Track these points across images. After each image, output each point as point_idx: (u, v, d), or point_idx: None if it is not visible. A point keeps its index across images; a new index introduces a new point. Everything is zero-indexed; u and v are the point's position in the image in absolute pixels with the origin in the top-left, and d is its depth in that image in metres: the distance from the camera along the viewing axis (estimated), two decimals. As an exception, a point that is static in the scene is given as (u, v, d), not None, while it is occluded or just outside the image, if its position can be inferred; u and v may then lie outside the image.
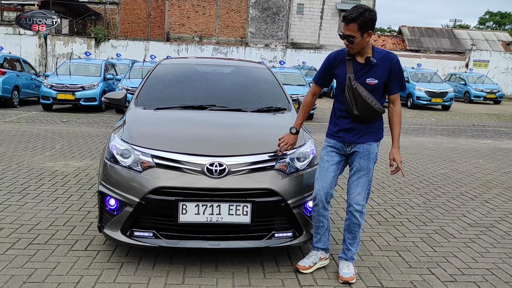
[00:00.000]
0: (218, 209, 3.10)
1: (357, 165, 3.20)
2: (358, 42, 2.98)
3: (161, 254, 3.47)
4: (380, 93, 3.14)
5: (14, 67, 14.75)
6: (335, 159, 3.25)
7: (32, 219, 4.16)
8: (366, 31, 2.95)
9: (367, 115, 3.11)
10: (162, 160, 3.17)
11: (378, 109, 3.08)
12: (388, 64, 3.07)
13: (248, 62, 5.42)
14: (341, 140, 3.22)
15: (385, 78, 3.09)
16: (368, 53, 3.06)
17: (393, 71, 3.08)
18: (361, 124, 3.15)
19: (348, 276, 3.19)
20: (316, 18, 30.13)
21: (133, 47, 26.71)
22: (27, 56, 26.20)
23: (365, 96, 3.04)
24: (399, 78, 3.13)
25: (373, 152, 3.19)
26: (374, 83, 3.05)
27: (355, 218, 3.21)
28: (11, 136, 8.73)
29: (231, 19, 29.61)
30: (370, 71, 3.06)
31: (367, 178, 3.20)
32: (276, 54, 27.93)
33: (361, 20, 2.91)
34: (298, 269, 3.28)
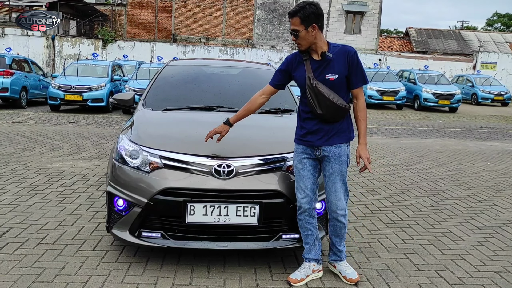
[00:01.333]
0: (225, 210, 3.10)
1: (329, 170, 3.10)
2: (303, 36, 2.93)
3: (168, 255, 3.48)
4: (344, 89, 3.04)
5: (22, 68, 14.85)
6: (309, 165, 3.15)
7: (41, 219, 4.19)
8: (310, 24, 2.90)
9: (332, 113, 3.01)
10: (170, 161, 3.19)
11: (341, 105, 2.97)
12: (345, 57, 2.98)
13: (255, 63, 5.42)
14: (309, 144, 3.12)
15: (345, 72, 2.99)
16: (323, 49, 2.99)
17: (352, 63, 2.98)
18: (327, 125, 3.06)
19: (355, 277, 3.18)
20: (322, 20, 30.06)
21: (140, 48, 26.79)
22: (35, 57, 26.36)
23: (326, 93, 2.95)
24: (359, 71, 3.01)
25: (344, 154, 3.09)
26: (334, 78, 2.97)
27: (340, 222, 3.15)
28: (19, 137, 8.79)
29: (238, 20, 29.62)
30: (328, 66, 2.98)
31: (342, 182, 3.12)
32: (283, 56, 27.87)
33: (302, 13, 2.89)
34: (289, 282, 3.14)
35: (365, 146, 3.12)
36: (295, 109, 4.27)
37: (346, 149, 3.12)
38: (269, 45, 29.31)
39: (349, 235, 4.14)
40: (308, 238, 3.20)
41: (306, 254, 3.24)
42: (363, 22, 30.57)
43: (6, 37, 26.68)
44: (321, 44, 2.98)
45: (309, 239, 3.21)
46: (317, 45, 2.97)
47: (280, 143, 3.43)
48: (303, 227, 3.18)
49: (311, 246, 3.22)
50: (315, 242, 3.22)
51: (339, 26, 30.19)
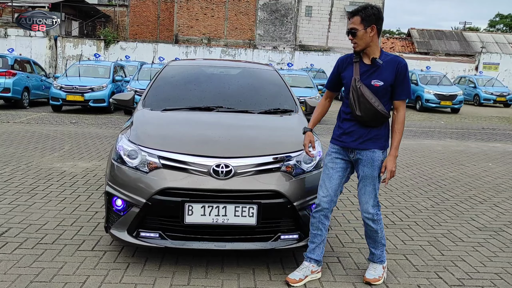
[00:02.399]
0: (224, 210, 3.10)
1: (361, 173, 3.13)
2: (361, 36, 2.97)
3: (167, 255, 3.48)
4: (387, 98, 3.05)
5: (25, 68, 14.89)
6: (339, 166, 3.18)
7: (40, 219, 4.19)
8: (370, 25, 2.94)
9: (370, 117, 3.02)
10: (168, 161, 3.18)
11: (381, 111, 2.99)
12: (394, 67, 3.00)
13: (256, 63, 5.42)
14: (343, 144, 3.15)
15: (391, 81, 3.01)
16: (375, 54, 3.02)
17: (399, 74, 3.00)
18: (364, 128, 3.07)
19: (371, 277, 3.20)
20: (324, 20, 30.08)
21: (142, 49, 26.86)
22: (38, 58, 26.43)
23: (368, 97, 2.98)
24: (405, 84, 3.03)
25: (377, 159, 3.08)
26: (379, 85, 2.99)
27: (369, 226, 3.17)
28: (21, 137, 8.80)
29: (240, 21, 29.65)
30: (375, 72, 3.01)
31: (373, 186, 3.12)
32: (284, 56, 27.92)
33: (364, 13, 2.94)
34: (288, 282, 3.13)
35: (393, 158, 3.07)
36: (294, 110, 4.27)
37: (381, 155, 3.10)
38: (271, 46, 29.33)
39: (348, 235, 4.13)
40: (316, 237, 3.20)
41: (309, 254, 3.23)
42: (365, 23, 30.53)
43: (9, 37, 26.79)
44: (375, 49, 3.02)
45: (316, 239, 3.21)
46: (371, 48, 3.01)
47: (279, 143, 3.43)
48: (314, 226, 3.19)
49: (316, 246, 3.21)
50: (320, 244, 3.22)
51: (340, 27, 30.15)
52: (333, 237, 4.08)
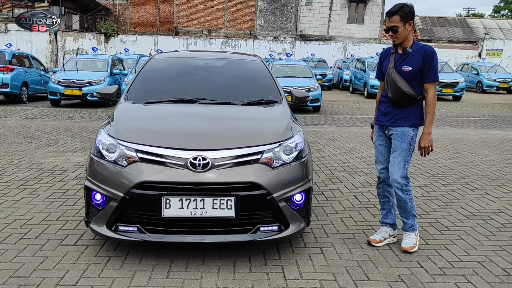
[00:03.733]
0: (202, 203, 3.09)
1: (392, 146, 3.60)
2: (401, 32, 3.46)
3: (149, 249, 3.48)
4: (416, 81, 3.50)
5: (23, 63, 14.90)
6: (384, 142, 3.72)
7: (26, 214, 4.21)
8: (407, 21, 3.45)
9: (399, 98, 3.51)
10: (146, 155, 3.17)
11: (408, 92, 3.46)
12: (422, 54, 3.46)
13: (242, 54, 5.38)
14: (381, 123, 3.68)
15: (419, 66, 3.45)
16: (408, 45, 3.53)
17: (426, 60, 3.44)
18: (396, 108, 3.56)
19: (407, 246, 3.57)
20: (325, 10, 29.85)
21: (142, 42, 26.82)
22: (38, 52, 26.47)
23: (396, 81, 3.49)
24: (432, 68, 3.45)
25: (407, 134, 3.53)
26: (408, 70, 3.47)
27: (398, 195, 3.57)
28: (17, 132, 8.83)
29: (240, 12, 29.49)
30: (406, 59, 3.51)
31: (402, 157, 3.53)
32: (285, 47, 27.78)
33: (402, 12, 3.43)
34: (370, 242, 3.68)
35: (426, 135, 3.51)
36: (279, 101, 4.23)
37: (411, 132, 3.55)
38: (272, 36, 29.17)
39: (334, 226, 4.12)
40: (384, 204, 3.78)
41: (383, 219, 3.80)
42: (366, 11, 30.30)
43: (9, 33, 26.82)
44: (409, 41, 3.53)
45: (385, 206, 3.77)
46: (407, 40, 3.52)
47: (258, 135, 3.41)
48: (381, 195, 3.79)
49: (387, 211, 3.77)
50: (391, 209, 3.75)
51: (342, 15, 29.95)
52: (318, 227, 4.06)
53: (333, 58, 27.45)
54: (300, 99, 4.51)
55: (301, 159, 3.44)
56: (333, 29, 29.94)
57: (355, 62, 22.65)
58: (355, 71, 21.61)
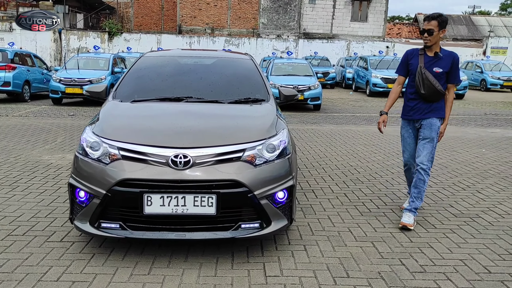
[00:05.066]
0: (183, 200, 3.12)
1: (422, 134, 4.21)
2: (435, 36, 4.06)
3: (133, 245, 3.52)
4: (442, 81, 4.13)
5: (25, 62, 15.01)
6: (412, 134, 4.33)
7: (16, 211, 4.26)
8: (442, 28, 4.07)
9: (431, 94, 4.11)
10: (128, 152, 3.21)
11: (440, 89, 4.08)
12: (451, 59, 4.13)
13: (232, 53, 5.40)
14: (411, 118, 4.27)
15: (448, 68, 4.12)
16: (437, 49, 4.14)
17: (454, 65, 4.12)
18: (425, 104, 4.17)
19: (407, 222, 4.03)
20: (328, 8, 29.79)
21: (145, 40, 26.90)
22: (43, 51, 26.66)
23: (431, 79, 4.08)
24: (457, 72, 4.16)
25: (435, 124, 4.16)
26: (439, 71, 4.10)
27: (421, 175, 4.13)
28: (16, 130, 8.91)
29: (243, 10, 29.49)
30: (436, 62, 4.13)
31: (431, 145, 4.16)
32: (288, 45, 27.76)
33: (440, 19, 4.06)
34: (406, 226, 4.02)
35: (445, 126, 4.26)
36: (266, 99, 4.25)
37: (438, 122, 4.19)
38: (275, 35, 29.15)
39: (320, 223, 4.14)
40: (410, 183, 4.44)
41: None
42: (370, 9, 30.20)
43: (14, 31, 27.00)
44: (437, 46, 4.16)
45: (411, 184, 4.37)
46: (437, 45, 4.14)
47: (240, 133, 3.43)
48: (409, 179, 4.50)
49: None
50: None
51: (345, 13, 29.88)
52: (304, 225, 4.08)
53: (337, 56, 27.40)
54: (288, 97, 4.53)
55: (284, 157, 3.46)
56: (337, 27, 29.88)
57: (358, 60, 22.61)
58: (358, 69, 21.56)
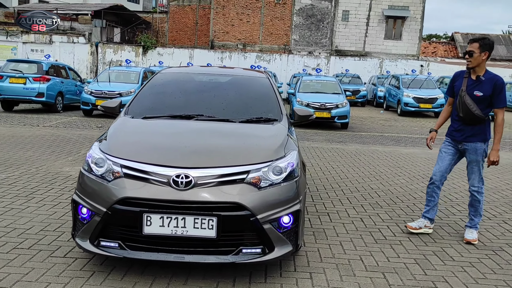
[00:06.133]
0: (183, 221, 3.04)
1: (468, 158, 4.30)
2: (476, 57, 4.07)
3: (135, 265, 3.45)
4: (485, 104, 4.11)
5: (60, 74, 15.44)
6: (450, 151, 4.37)
7: (27, 223, 4.28)
8: (484, 51, 4.06)
9: (469, 118, 4.14)
10: (130, 170, 3.16)
11: (476, 114, 4.09)
12: (493, 83, 4.07)
13: (249, 71, 5.35)
14: (453, 138, 4.35)
15: (490, 92, 4.06)
16: (481, 73, 4.13)
17: (496, 89, 4.05)
18: (467, 126, 4.19)
19: (471, 238, 4.26)
20: (362, 25, 29.57)
21: (178, 55, 27.34)
22: (80, 63, 27.50)
23: (468, 103, 4.11)
24: (501, 96, 4.07)
25: (480, 148, 4.20)
26: (480, 95, 4.08)
27: (474, 196, 4.29)
28: (44, 140, 9.11)
29: (275, 26, 29.63)
30: (478, 85, 4.11)
31: (477, 168, 4.26)
32: (320, 62, 27.64)
33: (482, 42, 4.07)
34: (407, 227, 4.42)
35: (495, 151, 4.13)
36: (279, 119, 4.15)
37: (483, 145, 4.20)
38: (306, 51, 29.10)
39: (330, 249, 3.97)
40: (430, 202, 4.46)
41: (425, 213, 4.47)
42: (405, 27, 29.80)
43: (54, 44, 27.98)
44: (481, 69, 4.13)
45: (430, 203, 4.46)
46: (479, 68, 4.12)
47: (246, 154, 3.34)
48: (429, 194, 4.45)
49: (430, 208, 4.45)
50: (434, 207, 4.43)
51: (379, 31, 29.56)
52: (314, 250, 3.93)
53: (369, 74, 27.06)
54: (303, 118, 4.41)
55: (291, 180, 3.34)
56: (370, 45, 29.57)
57: (390, 78, 22.23)
58: (390, 88, 21.18)
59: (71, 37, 27.74)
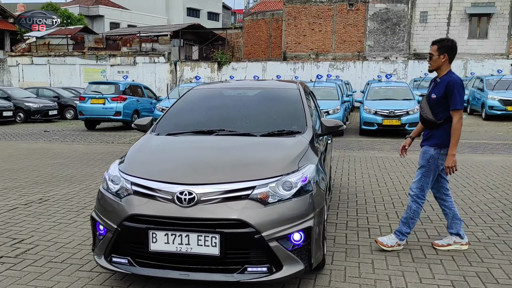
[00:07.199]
0: (187, 239, 3.03)
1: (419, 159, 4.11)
2: (435, 60, 3.95)
3: (152, 281, 3.46)
4: (440, 108, 3.92)
5: (136, 93, 16.39)
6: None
7: (69, 237, 4.52)
8: (442, 53, 3.90)
9: (422, 121, 4.09)
10: (138, 187, 3.22)
11: (426, 117, 4.01)
12: (445, 84, 3.87)
13: (281, 82, 5.26)
14: None
15: (442, 94, 3.88)
16: (440, 75, 3.98)
17: (448, 90, 3.84)
18: (425, 130, 4.10)
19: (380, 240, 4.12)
20: (442, 26, 27.98)
21: (251, 68, 27.78)
22: (160, 82, 28.98)
23: (421, 106, 4.09)
24: (454, 98, 3.83)
25: (427, 153, 4.00)
26: (434, 97, 3.95)
27: (410, 200, 4.09)
28: (114, 157, 9.64)
29: (348, 34, 29.04)
30: (435, 88, 3.99)
31: (420, 172, 4.04)
32: (397, 67, 26.57)
33: (440, 44, 3.93)
34: (433, 245, 4.19)
35: (450, 156, 3.87)
36: (302, 131, 4.00)
37: (432, 151, 3.97)
38: (382, 57, 28.13)
39: (359, 268, 3.73)
40: (445, 216, 4.22)
41: (448, 229, 4.23)
42: (491, 25, 27.73)
43: (137, 65, 29.77)
44: (442, 72, 3.97)
45: (446, 217, 4.21)
46: (440, 70, 3.97)
47: (253, 168, 3.27)
48: (441, 207, 4.25)
49: (450, 222, 4.17)
50: (453, 219, 4.13)
51: (461, 31, 27.80)
52: (340, 269, 3.71)
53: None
54: (330, 129, 4.21)
55: (303, 196, 3.19)
56: (451, 46, 27.85)
57: (474, 80, 20.74)
58: (474, 90, 19.74)
59: (152, 58, 29.35)
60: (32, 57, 30.54)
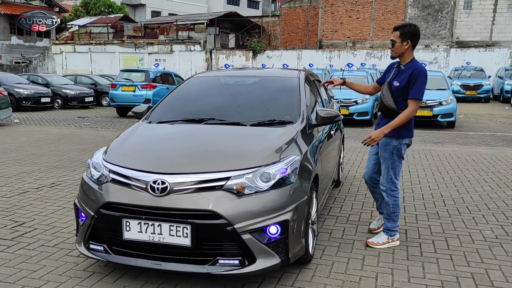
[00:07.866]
0: (159, 228, 2.99)
1: (380, 154, 3.93)
2: (398, 47, 3.75)
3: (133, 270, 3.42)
4: (405, 95, 3.74)
5: (167, 80, 16.57)
6: (375, 149, 4.04)
7: (67, 222, 4.55)
8: (405, 40, 3.72)
9: (382, 109, 3.90)
10: (115, 175, 3.21)
11: (387, 105, 3.82)
12: (410, 72, 3.68)
13: (283, 70, 5.09)
14: None
15: (405, 82, 3.71)
16: (404, 62, 3.78)
17: (411, 78, 3.67)
18: (384, 119, 3.88)
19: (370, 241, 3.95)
20: (488, 12, 26.63)
21: (286, 56, 27.54)
22: (196, 70, 29.24)
23: (383, 93, 3.88)
24: (415, 87, 3.66)
25: (389, 144, 3.81)
26: (397, 85, 3.77)
27: (384, 197, 3.93)
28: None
29: (387, 21, 28.14)
30: (398, 75, 3.79)
31: (385, 165, 3.87)
32: (438, 55, 25.59)
33: (403, 30, 3.73)
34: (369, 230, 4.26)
35: (380, 132, 3.71)
36: (295, 121, 3.86)
37: (395, 142, 3.80)
38: (422, 45, 27.13)
39: (347, 264, 3.58)
40: (375, 198, 4.29)
41: (378, 209, 4.30)
42: (541, 10, 26.15)
43: (174, 53, 30.16)
44: (405, 59, 3.78)
45: (376, 199, 4.28)
46: (404, 57, 3.78)
47: (229, 159, 3.19)
48: (371, 191, 4.25)
49: (380, 203, 4.22)
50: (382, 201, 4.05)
51: (508, 17, 26.39)
52: (327, 264, 3.58)
53: (496, 66, 24.27)
54: (325, 119, 4.03)
55: (281, 187, 3.08)
56: (497, 34, 26.50)
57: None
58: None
59: (188, 46, 29.63)
60: (74, 45, 31.51)
